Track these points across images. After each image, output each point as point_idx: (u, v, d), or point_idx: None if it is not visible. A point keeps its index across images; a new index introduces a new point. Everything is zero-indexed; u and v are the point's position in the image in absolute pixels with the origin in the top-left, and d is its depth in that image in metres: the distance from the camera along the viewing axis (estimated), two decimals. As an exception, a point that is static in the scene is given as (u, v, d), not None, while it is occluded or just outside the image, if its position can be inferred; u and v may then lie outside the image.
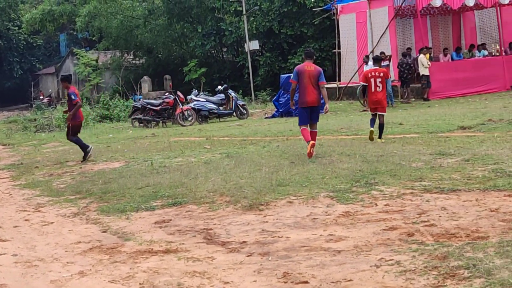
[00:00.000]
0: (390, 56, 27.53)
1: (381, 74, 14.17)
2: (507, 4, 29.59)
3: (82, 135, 24.52)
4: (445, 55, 29.91)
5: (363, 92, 14.74)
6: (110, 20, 47.39)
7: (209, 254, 6.90)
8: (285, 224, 7.82)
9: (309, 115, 12.72)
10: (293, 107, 14.71)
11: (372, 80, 14.10)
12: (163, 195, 10.09)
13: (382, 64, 25.03)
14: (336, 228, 7.40)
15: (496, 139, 12.84)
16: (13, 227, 9.33)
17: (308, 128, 12.70)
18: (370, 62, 24.53)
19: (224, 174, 11.15)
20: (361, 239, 6.83)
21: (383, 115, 14.27)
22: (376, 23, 29.44)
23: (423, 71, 26.72)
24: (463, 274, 5.36)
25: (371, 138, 13.84)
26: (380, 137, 14.06)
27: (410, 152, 11.74)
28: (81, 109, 17.00)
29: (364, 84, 14.34)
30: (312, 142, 12.20)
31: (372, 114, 14.42)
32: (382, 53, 25.35)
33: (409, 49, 29.55)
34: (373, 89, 14.09)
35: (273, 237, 7.35)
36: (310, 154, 12.00)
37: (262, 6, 39.53)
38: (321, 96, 12.75)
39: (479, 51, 30.26)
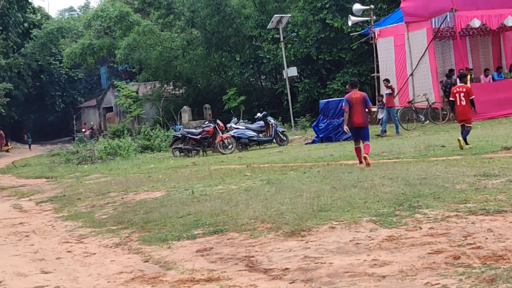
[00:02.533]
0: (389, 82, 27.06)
1: (464, 90, 16.63)
2: (548, 23, 29.21)
3: (124, 166, 24.92)
4: (486, 75, 29.56)
5: (451, 106, 18.18)
6: (149, 52, 47.89)
7: (252, 282, 6.82)
8: (327, 250, 7.70)
9: (359, 134, 14.90)
10: (347, 132, 16.57)
11: (457, 95, 16.61)
12: (204, 223, 10.05)
13: (386, 92, 25.22)
14: (380, 253, 7.26)
15: (541, 158, 12.59)
16: (55, 258, 9.36)
17: (361, 145, 14.82)
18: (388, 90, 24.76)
19: (265, 200, 11.06)
20: (406, 264, 6.69)
21: (469, 126, 16.68)
22: (414, 45, 29.25)
23: (465, 92, 26.43)
24: (512, 297, 5.21)
25: (460, 147, 15.63)
26: (466, 143, 15.92)
27: (453, 174, 11.54)
28: (123, 139, 17.12)
29: (452, 99, 16.99)
30: (361, 165, 14.40)
31: (460, 126, 16.93)
32: (463, 69, 25.34)
33: (451, 70, 29.27)
34: (458, 103, 16.61)
35: (316, 263, 7.24)
36: (367, 164, 14.14)
37: (299, 33, 39.61)
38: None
39: (521, 71, 29.91)
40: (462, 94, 16.53)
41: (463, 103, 16.55)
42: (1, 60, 61.20)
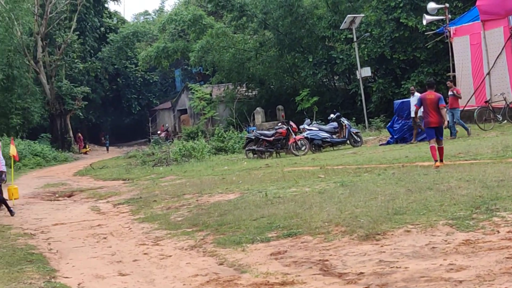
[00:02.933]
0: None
1: None
2: None
3: (199, 167, 25.15)
4: None
5: None
6: (222, 54, 48.24)
7: (326, 286, 6.80)
8: (403, 254, 7.62)
9: (434, 133, 14.97)
10: (418, 120, 18.81)
11: None
12: (278, 226, 10.05)
13: (449, 93, 24.36)
14: (456, 257, 7.14)
15: None
16: (132, 261, 9.52)
17: (436, 145, 14.85)
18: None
19: (339, 203, 10.99)
20: (483, 268, 6.56)
21: None
22: (491, 44, 28.63)
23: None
24: None
25: None
26: None
27: (533, 176, 11.25)
28: (197, 141, 17.29)
29: None
30: (437, 163, 14.42)
31: None
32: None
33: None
34: None
35: (391, 267, 7.17)
36: (437, 167, 14.10)
37: (373, 32, 39.24)
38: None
39: None
40: None
41: None
42: (79, 64, 62.69)
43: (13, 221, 15.45)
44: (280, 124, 29.46)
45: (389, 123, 27.04)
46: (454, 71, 31.38)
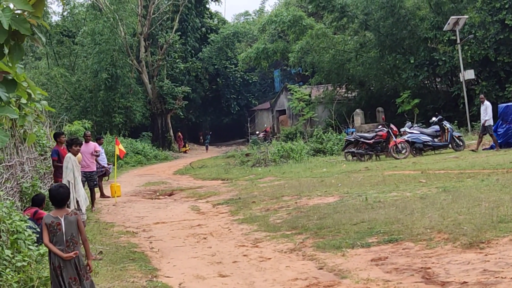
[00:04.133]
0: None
1: None
2: None
3: (297, 169, 25.17)
4: None
5: None
6: (322, 55, 48.16)
7: (428, 295, 6.69)
8: (508, 264, 7.42)
9: None
10: None
11: None
12: (378, 231, 9.96)
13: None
14: None
15: None
16: (232, 262, 9.61)
17: None
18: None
19: (441, 209, 10.79)
20: None
21: None
22: None
23: None
24: None
25: None
26: None
27: None
28: (296, 142, 17.25)
29: None
30: None
31: None
32: None
33: None
34: None
35: (496, 277, 7.00)
36: None
37: (477, 34, 38.37)
38: None
39: None
40: None
41: None
42: (180, 64, 63.76)
43: (116, 218, 15.86)
44: (380, 126, 29.15)
45: (493, 127, 26.35)
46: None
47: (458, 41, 35.89)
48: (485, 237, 8.56)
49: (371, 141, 27.09)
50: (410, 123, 29.80)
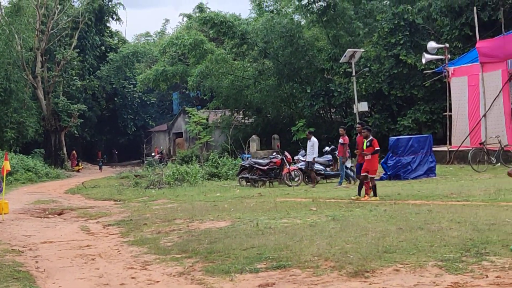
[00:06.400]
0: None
1: None
2: None
3: (191, 192, 25.12)
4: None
5: None
6: (221, 80, 48.52)
7: (312, 322, 6.78)
8: (391, 293, 7.61)
9: None
10: None
11: None
12: (267, 257, 10.03)
13: (340, 141, 24.48)
14: (444, 300, 7.14)
15: None
16: (120, 284, 9.47)
17: None
18: None
19: (329, 238, 10.99)
20: (470, 313, 6.56)
21: None
22: (489, 86, 28.87)
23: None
24: None
25: None
26: None
27: (524, 222, 11.29)
28: (191, 166, 17.23)
29: None
30: None
31: None
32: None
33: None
34: None
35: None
36: None
37: (372, 67, 39.48)
38: None
39: None
40: None
41: None
42: (77, 81, 62.85)
43: (1, 236, 15.38)
44: (274, 153, 29.52)
45: (384, 159, 27.10)
46: (450, 110, 31.58)
47: (354, 73, 36.79)
48: (370, 266, 8.75)
49: (265, 168, 27.35)
50: (303, 151, 30.25)
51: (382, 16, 41.59)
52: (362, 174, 17.99)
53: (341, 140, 24.97)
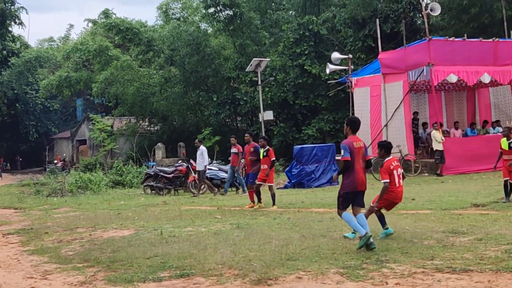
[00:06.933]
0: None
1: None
2: (522, 82, 29.75)
3: (94, 200, 24.73)
4: (456, 128, 30.00)
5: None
6: (126, 87, 48.04)
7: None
8: (293, 301, 7.67)
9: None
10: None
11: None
12: (171, 266, 9.96)
13: (232, 150, 24.98)
14: (345, 307, 7.25)
15: (510, 218, 12.74)
16: (18, 294, 9.24)
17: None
18: None
19: (234, 246, 11.02)
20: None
21: None
22: (390, 97, 29.56)
23: (437, 146, 26.75)
24: None
25: None
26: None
27: (422, 229, 11.61)
28: (95, 173, 16.95)
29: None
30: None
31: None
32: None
33: (416, 113, 29.98)
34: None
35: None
36: None
37: (277, 77, 39.90)
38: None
39: (494, 128, 30.29)
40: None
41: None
42: (-23, 86, 60.99)
43: None
44: (180, 161, 29.38)
45: (288, 168, 27.42)
46: (353, 120, 32.11)
47: (260, 82, 37.10)
48: (273, 274, 8.81)
49: (170, 176, 27.20)
50: (209, 159, 30.25)
51: (288, 26, 42.14)
52: (257, 183, 18.16)
53: (234, 150, 25.11)
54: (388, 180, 11.11)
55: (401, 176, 11.28)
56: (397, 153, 27.38)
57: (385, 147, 11.51)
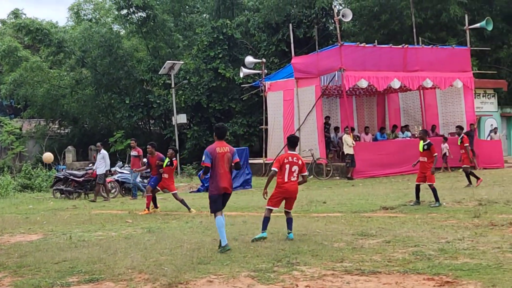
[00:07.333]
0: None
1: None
2: (430, 88, 30.52)
3: (1, 205, 24.05)
4: (366, 133, 30.55)
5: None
6: (36, 89, 46.97)
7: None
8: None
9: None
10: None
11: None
12: (80, 270, 9.76)
13: (132, 153, 25.25)
14: (255, 310, 7.25)
15: (417, 220, 13.02)
16: None
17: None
18: None
19: (144, 250, 10.91)
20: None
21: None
22: (303, 101, 29.86)
23: (348, 150, 27.14)
24: None
25: None
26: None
27: (332, 232, 11.76)
28: (2, 177, 16.48)
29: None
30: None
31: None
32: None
33: (327, 117, 30.43)
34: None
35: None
36: None
37: (191, 80, 39.81)
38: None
39: (403, 132, 31.00)
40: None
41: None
42: None
43: None
44: (90, 165, 28.93)
45: (201, 171, 27.29)
46: (266, 124, 32.41)
47: (173, 85, 36.93)
48: (184, 278, 8.74)
49: (80, 179, 26.72)
50: (121, 163, 30.02)
51: (202, 30, 42.13)
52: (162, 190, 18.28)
53: (134, 153, 25.02)
54: (276, 169, 11.75)
55: (294, 173, 11.63)
56: (309, 157, 27.68)
57: (288, 141, 12.03)
